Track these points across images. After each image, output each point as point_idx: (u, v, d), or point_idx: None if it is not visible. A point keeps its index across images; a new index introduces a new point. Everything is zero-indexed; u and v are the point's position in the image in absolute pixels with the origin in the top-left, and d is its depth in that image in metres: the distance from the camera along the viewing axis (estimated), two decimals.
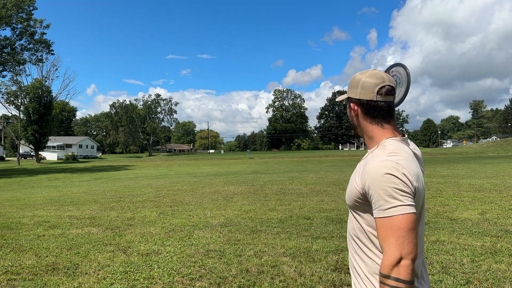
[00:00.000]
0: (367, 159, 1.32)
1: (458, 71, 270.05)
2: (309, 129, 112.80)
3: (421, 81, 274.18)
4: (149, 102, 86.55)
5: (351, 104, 1.41)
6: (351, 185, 1.34)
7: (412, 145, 1.46)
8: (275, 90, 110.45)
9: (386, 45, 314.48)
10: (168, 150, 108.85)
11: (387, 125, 1.38)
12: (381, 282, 1.16)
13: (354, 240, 1.36)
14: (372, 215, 1.24)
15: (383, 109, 1.36)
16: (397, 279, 1.12)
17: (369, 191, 1.21)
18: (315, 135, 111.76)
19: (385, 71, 1.62)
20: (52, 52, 39.61)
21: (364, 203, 1.27)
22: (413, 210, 1.15)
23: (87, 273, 3.85)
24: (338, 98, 1.53)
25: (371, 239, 1.28)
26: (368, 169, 1.23)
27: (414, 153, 1.38)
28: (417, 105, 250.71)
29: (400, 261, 1.12)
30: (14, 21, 34.22)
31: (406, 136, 1.43)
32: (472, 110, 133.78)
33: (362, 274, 1.31)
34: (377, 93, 1.35)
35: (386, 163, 1.20)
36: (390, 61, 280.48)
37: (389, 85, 1.35)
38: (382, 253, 1.23)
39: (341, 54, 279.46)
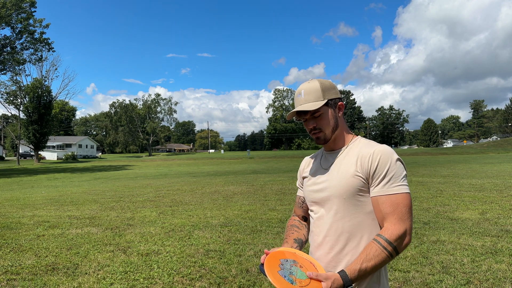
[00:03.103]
0: (359, 148, 1.40)
1: (462, 70, 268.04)
2: None
3: (425, 79, 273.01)
4: (149, 102, 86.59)
5: (340, 104, 1.45)
6: (346, 177, 1.36)
7: None
8: (275, 89, 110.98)
9: (389, 42, 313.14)
10: (168, 150, 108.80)
11: None
12: (379, 243, 1.25)
13: (353, 233, 1.35)
14: (369, 195, 1.35)
15: None
16: (396, 249, 1.25)
17: (376, 171, 1.31)
18: None
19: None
20: (53, 50, 39.63)
21: (365, 189, 1.34)
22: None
23: (87, 273, 3.84)
24: (312, 107, 1.38)
25: (373, 220, 1.35)
26: (376, 152, 1.33)
27: None
28: (419, 104, 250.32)
29: (404, 235, 1.26)
30: (13, 20, 34.22)
31: None
32: (472, 110, 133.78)
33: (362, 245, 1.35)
34: None
35: (389, 148, 1.35)
36: (393, 60, 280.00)
37: None
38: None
39: (345, 52, 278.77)
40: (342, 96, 1.44)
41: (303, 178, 1.59)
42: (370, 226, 1.34)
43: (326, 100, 1.40)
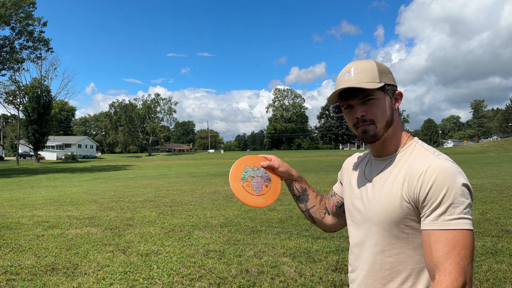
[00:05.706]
0: (412, 160, 1.04)
1: (464, 69, 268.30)
2: (310, 128, 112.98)
3: (426, 79, 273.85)
4: (149, 102, 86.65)
5: (398, 92, 1.10)
6: (388, 201, 1.04)
7: None
8: (276, 89, 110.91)
9: (391, 41, 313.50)
10: (167, 150, 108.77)
11: None
12: None
13: (394, 272, 1.04)
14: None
15: None
16: None
17: (427, 196, 0.95)
18: (315, 134, 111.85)
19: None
20: (51, 50, 39.63)
21: (414, 217, 1.01)
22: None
23: (86, 273, 3.83)
24: (368, 86, 1.04)
25: (422, 256, 1.02)
26: (431, 171, 0.96)
27: None
28: (421, 104, 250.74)
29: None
30: (13, 20, 34.23)
31: None
32: (473, 110, 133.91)
33: None
34: None
35: (451, 166, 0.96)
36: (395, 59, 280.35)
37: None
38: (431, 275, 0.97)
39: (346, 51, 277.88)
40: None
41: (341, 182, 1.34)
42: (419, 263, 1.02)
43: (383, 84, 1.05)
